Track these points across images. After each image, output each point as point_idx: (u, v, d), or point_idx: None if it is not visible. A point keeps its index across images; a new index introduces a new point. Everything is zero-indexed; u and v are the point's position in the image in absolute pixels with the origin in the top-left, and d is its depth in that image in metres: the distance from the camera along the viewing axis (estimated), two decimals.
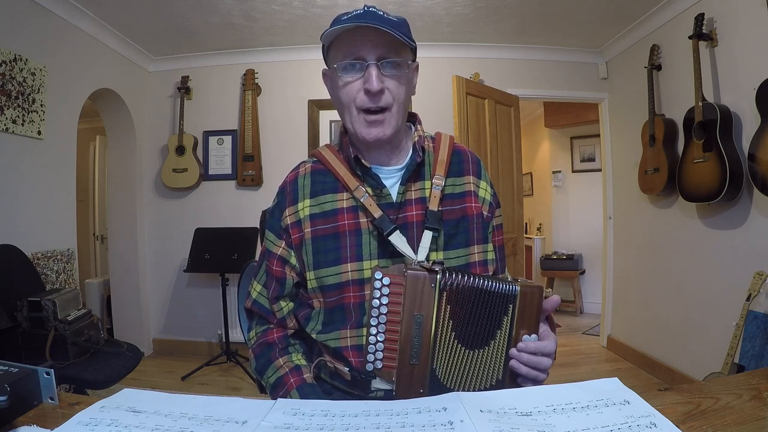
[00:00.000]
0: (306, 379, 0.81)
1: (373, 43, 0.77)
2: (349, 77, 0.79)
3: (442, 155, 0.89)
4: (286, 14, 2.88)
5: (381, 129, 0.81)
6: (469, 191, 0.89)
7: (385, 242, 0.80)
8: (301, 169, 0.92)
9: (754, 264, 2.09)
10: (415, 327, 0.71)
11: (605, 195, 3.60)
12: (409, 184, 0.86)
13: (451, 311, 0.72)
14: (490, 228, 0.92)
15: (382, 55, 0.78)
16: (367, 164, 0.85)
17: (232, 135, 3.48)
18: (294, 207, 0.87)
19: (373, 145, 0.85)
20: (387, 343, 0.72)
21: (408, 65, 0.82)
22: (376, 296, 0.73)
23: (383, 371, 0.73)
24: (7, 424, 0.53)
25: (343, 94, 0.81)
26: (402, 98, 0.82)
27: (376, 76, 0.77)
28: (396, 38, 0.76)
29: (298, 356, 0.87)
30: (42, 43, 2.43)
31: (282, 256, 0.88)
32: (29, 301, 1.85)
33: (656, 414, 0.53)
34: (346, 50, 0.78)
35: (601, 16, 2.93)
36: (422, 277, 0.72)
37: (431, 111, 3.39)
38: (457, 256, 0.84)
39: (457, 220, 0.86)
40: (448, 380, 0.72)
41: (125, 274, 3.44)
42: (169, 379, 3.00)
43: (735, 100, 2.24)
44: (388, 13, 0.80)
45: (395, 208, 0.84)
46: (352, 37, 0.77)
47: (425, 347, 0.71)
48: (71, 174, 2.72)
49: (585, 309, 4.71)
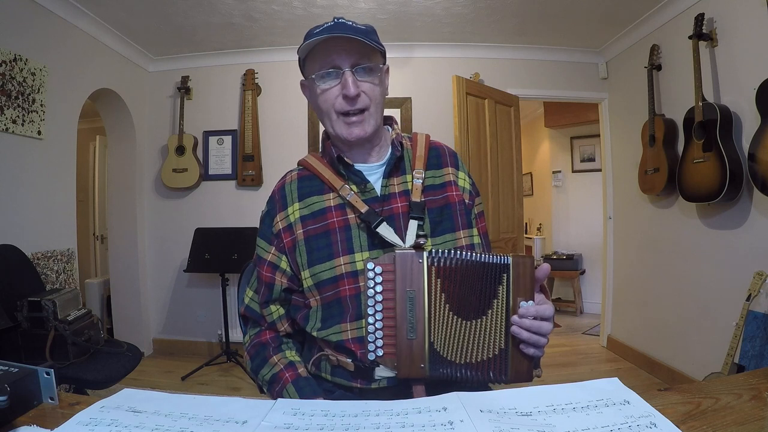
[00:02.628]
0: (300, 374, 0.84)
1: (346, 51, 0.82)
2: (326, 85, 0.84)
3: (420, 151, 0.95)
4: (286, 14, 2.88)
5: (361, 128, 0.86)
6: (449, 181, 0.94)
7: (374, 234, 0.83)
8: (287, 177, 0.97)
9: (754, 264, 2.09)
10: (409, 303, 0.74)
11: (605, 195, 3.60)
12: (391, 179, 0.91)
13: (442, 285, 0.75)
14: (473, 215, 0.95)
15: (355, 61, 0.83)
16: (350, 162, 0.89)
17: (232, 135, 3.48)
18: (284, 212, 0.91)
19: (355, 144, 0.89)
20: (386, 330, 0.75)
21: (380, 69, 0.87)
22: (371, 286, 0.75)
23: (385, 358, 0.75)
24: (7, 424, 0.53)
25: (323, 101, 0.86)
26: (377, 98, 0.87)
27: (352, 82, 0.82)
28: (367, 45, 0.81)
29: (291, 353, 0.90)
30: (42, 43, 2.43)
31: (272, 261, 0.91)
32: (29, 301, 1.85)
33: (656, 414, 0.53)
34: (322, 60, 0.84)
35: (601, 16, 2.93)
36: (410, 255, 0.75)
37: (431, 111, 3.39)
38: (444, 241, 0.88)
39: (441, 207, 0.90)
40: (447, 352, 0.75)
41: (125, 274, 3.44)
42: (169, 379, 3.00)
43: (735, 100, 2.24)
44: (356, 23, 0.85)
45: (380, 202, 0.88)
46: (326, 48, 0.83)
47: (420, 321, 0.74)
48: (71, 174, 2.72)
49: (585, 309, 4.71)
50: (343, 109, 0.85)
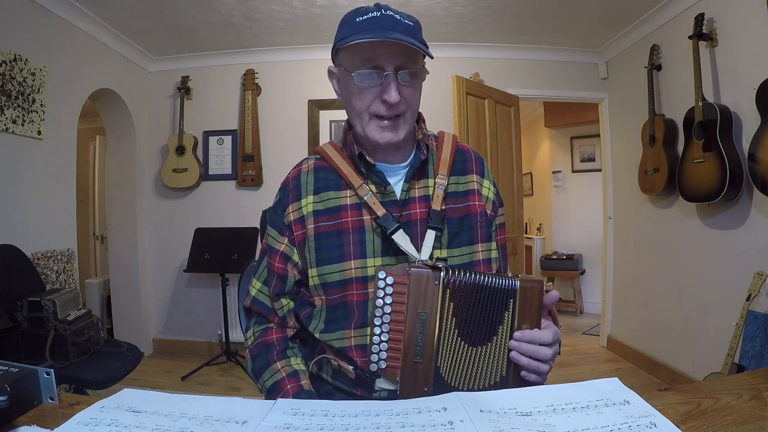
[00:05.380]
0: (303, 386, 0.80)
1: (392, 51, 0.76)
2: (365, 84, 0.78)
3: (446, 154, 0.89)
4: (286, 14, 2.88)
5: (395, 133, 0.81)
6: (473, 190, 0.89)
7: (388, 240, 0.80)
8: (303, 166, 0.92)
9: (754, 264, 2.09)
10: (419, 325, 0.71)
11: (605, 195, 3.60)
12: (413, 182, 0.86)
13: (455, 308, 0.71)
14: (493, 227, 0.91)
15: (400, 65, 0.77)
16: (372, 161, 0.85)
17: (232, 135, 3.48)
18: (297, 203, 0.87)
19: (383, 148, 0.85)
20: (391, 343, 0.72)
21: (423, 74, 0.82)
22: (380, 296, 0.72)
23: (387, 371, 0.72)
24: (7, 424, 0.52)
25: (358, 100, 0.80)
26: (415, 104, 0.83)
27: (395, 88, 0.76)
28: (414, 48, 0.75)
29: (296, 360, 0.85)
30: (42, 43, 2.43)
31: (284, 252, 0.87)
32: (29, 301, 1.85)
33: (656, 414, 0.53)
34: (363, 57, 0.77)
35: (601, 16, 2.93)
36: (425, 275, 0.71)
37: (431, 111, 3.36)
38: (461, 254, 0.84)
39: (461, 218, 0.86)
40: (452, 378, 0.72)
41: (125, 274, 3.44)
42: (169, 379, 3.00)
43: (735, 100, 2.24)
44: (403, 15, 0.79)
45: (399, 206, 0.84)
46: (370, 45, 0.75)
47: (429, 345, 0.71)
48: (71, 174, 2.72)
49: (585, 309, 4.71)
50: (378, 112, 0.80)
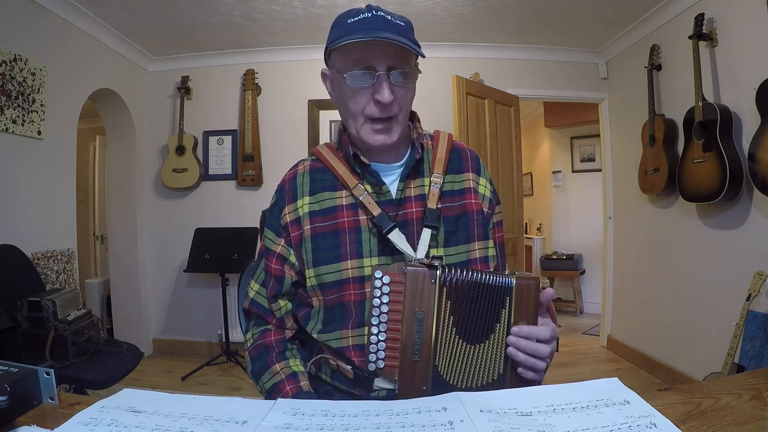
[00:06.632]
0: (302, 387, 0.80)
1: (384, 51, 0.76)
2: (357, 85, 0.78)
3: (441, 153, 0.89)
4: (286, 14, 2.88)
5: (387, 136, 0.82)
6: (469, 188, 0.90)
7: (384, 239, 0.80)
8: (299, 167, 0.92)
9: (754, 264, 2.09)
10: (416, 324, 0.71)
11: (605, 195, 3.60)
12: (408, 181, 0.86)
13: (452, 307, 0.72)
14: (491, 225, 0.91)
15: (392, 65, 0.77)
16: (367, 161, 0.85)
17: (232, 135, 3.48)
18: (293, 204, 0.87)
19: (377, 150, 0.85)
20: (389, 342, 0.72)
21: (415, 73, 0.81)
22: (377, 295, 0.72)
23: (385, 371, 0.72)
24: (7, 424, 0.52)
25: (352, 102, 0.80)
26: (407, 105, 0.83)
27: (387, 88, 0.76)
28: (406, 47, 0.75)
29: (295, 362, 0.85)
30: (42, 43, 2.43)
31: (281, 254, 0.87)
32: (29, 301, 1.85)
33: (656, 414, 0.53)
34: (355, 58, 0.77)
35: (601, 16, 2.93)
36: (422, 273, 0.72)
37: (431, 111, 3.38)
38: (457, 252, 0.84)
39: (457, 216, 0.86)
40: (450, 376, 0.72)
41: (125, 274, 3.44)
42: (169, 379, 3.00)
43: (735, 100, 2.24)
44: (394, 15, 0.79)
45: (395, 205, 0.84)
46: (362, 45, 0.75)
47: (427, 344, 0.71)
48: (71, 174, 2.72)
49: (585, 309, 4.71)
50: (372, 114, 0.80)
